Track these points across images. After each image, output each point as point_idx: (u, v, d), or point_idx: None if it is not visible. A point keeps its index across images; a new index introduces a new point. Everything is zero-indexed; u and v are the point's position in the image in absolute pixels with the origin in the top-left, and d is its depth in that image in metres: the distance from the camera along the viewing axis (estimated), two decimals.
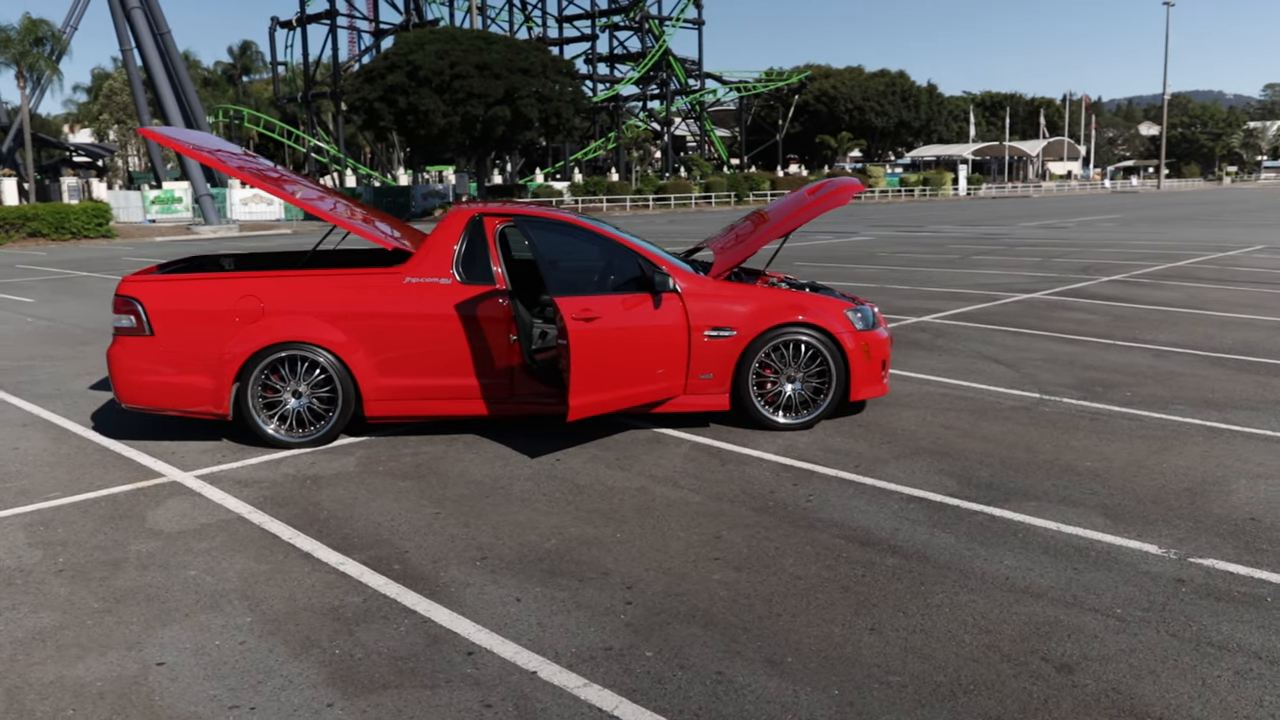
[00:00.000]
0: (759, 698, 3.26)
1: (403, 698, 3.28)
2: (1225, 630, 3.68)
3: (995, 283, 14.75)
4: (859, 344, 6.45)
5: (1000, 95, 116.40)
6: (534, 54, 55.22)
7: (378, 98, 52.04)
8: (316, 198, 6.43)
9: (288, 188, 6.33)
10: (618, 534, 4.72)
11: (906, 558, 4.41)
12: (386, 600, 4.02)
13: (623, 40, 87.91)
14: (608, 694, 3.29)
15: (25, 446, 6.31)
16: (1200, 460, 5.75)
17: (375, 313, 6.03)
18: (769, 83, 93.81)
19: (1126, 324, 10.58)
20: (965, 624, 3.76)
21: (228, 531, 4.77)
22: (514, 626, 3.78)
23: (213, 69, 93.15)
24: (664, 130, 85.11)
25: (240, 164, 6.24)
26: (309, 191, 6.49)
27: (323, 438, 6.10)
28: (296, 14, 71.48)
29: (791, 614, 3.87)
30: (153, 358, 5.94)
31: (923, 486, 5.34)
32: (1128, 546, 4.50)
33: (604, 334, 5.68)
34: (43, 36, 45.34)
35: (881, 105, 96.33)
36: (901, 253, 21.28)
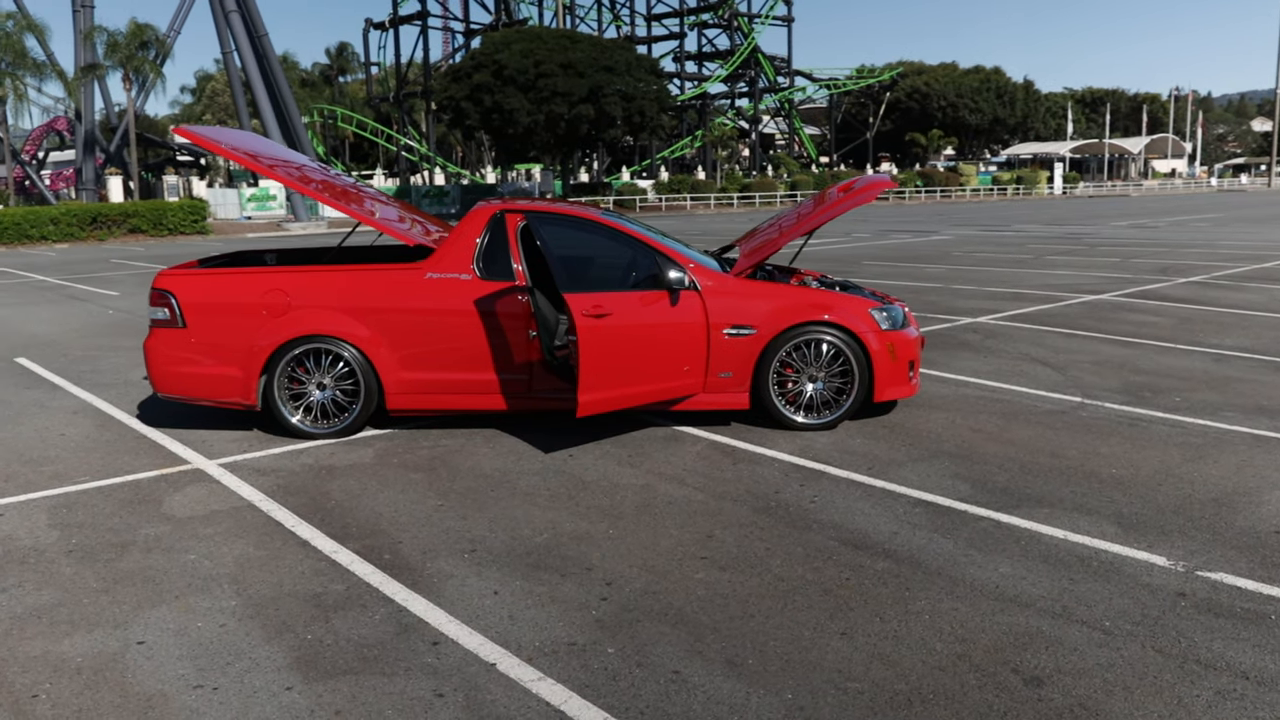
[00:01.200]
0: (709, 698, 3.23)
1: (359, 684, 3.35)
2: (1216, 648, 3.51)
3: (1064, 283, 14.28)
4: (884, 344, 6.32)
5: (1101, 91, 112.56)
6: (619, 52, 55.53)
7: (464, 96, 52.99)
8: (339, 194, 6.57)
9: (313, 185, 6.47)
10: (611, 530, 4.72)
11: (898, 562, 4.31)
12: (368, 589, 4.10)
13: (711, 38, 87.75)
14: (559, 689, 3.30)
15: (71, 432, 6.62)
16: (1236, 470, 5.49)
17: (397, 308, 6.15)
18: (860, 80, 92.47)
19: (1192, 327, 10.13)
20: (941, 632, 3.66)
21: (235, 518, 4.93)
22: (485, 619, 3.82)
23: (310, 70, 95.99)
24: (751, 128, 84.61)
25: (272, 163, 6.42)
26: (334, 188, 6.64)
27: (346, 429, 6.25)
28: (389, 15, 73.12)
29: (765, 615, 3.82)
30: (185, 349, 6.17)
31: (933, 490, 5.21)
32: (1134, 557, 4.32)
33: (615, 330, 5.68)
34: (147, 40, 47.26)
35: (975, 102, 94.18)
36: (976, 252, 20.76)
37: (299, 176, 6.41)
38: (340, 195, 6.49)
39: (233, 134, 7.18)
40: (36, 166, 62.34)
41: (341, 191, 6.67)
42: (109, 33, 46.13)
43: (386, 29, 75.45)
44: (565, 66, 52.00)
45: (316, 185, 6.55)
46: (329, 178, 7.05)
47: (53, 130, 65.74)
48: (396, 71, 73.64)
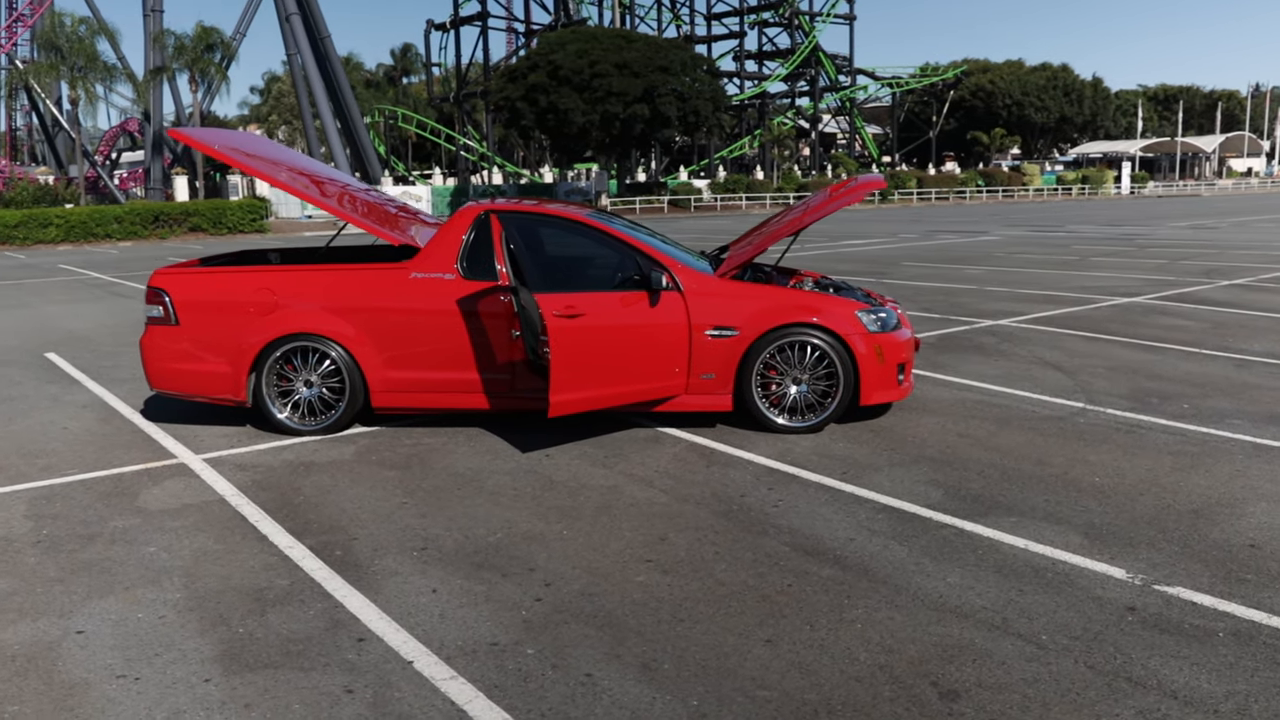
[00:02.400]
0: (614, 702, 3.21)
1: (275, 678, 3.39)
2: (1152, 665, 3.39)
3: (1102, 285, 13.90)
4: (871, 347, 6.22)
5: (1175, 88, 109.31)
6: (674, 52, 55.47)
7: (519, 97, 53.38)
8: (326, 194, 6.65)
9: (298, 183, 6.53)
10: (565, 531, 4.72)
11: (845, 569, 4.24)
12: (311, 585, 4.16)
13: (772, 37, 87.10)
14: (468, 688, 3.31)
15: (73, 426, 6.82)
16: (1227, 480, 5.29)
17: (381, 307, 6.22)
18: (923, 78, 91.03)
19: (1223, 331, 9.79)
20: (869, 642, 3.59)
21: (203, 512, 5.04)
22: (416, 616, 3.84)
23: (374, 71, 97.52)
24: (812, 128, 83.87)
25: (258, 164, 6.50)
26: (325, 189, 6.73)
27: (331, 426, 6.34)
28: (450, 16, 73.94)
29: (694, 620, 3.79)
30: (178, 345, 6.32)
31: (903, 496, 5.12)
32: (1092, 569, 4.19)
33: (588, 331, 5.68)
34: (213, 43, 48.54)
35: (1041, 100, 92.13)
36: (1020, 253, 20.32)
37: (286, 176, 6.50)
38: (328, 195, 6.58)
39: (227, 135, 7.33)
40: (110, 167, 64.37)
41: (331, 193, 6.76)
42: (176, 36, 47.48)
43: (447, 30, 76.30)
44: (620, 66, 52.08)
45: (305, 184, 6.64)
46: (321, 179, 7.14)
47: (125, 131, 67.90)
48: (457, 72, 74.44)
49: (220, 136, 6.99)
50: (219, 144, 6.57)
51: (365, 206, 6.90)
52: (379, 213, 6.95)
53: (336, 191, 6.85)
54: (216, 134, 7.21)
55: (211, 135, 6.94)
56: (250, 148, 6.94)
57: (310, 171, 7.16)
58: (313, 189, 6.58)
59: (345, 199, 6.75)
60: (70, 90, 44.37)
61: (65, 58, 43.64)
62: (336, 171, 8.06)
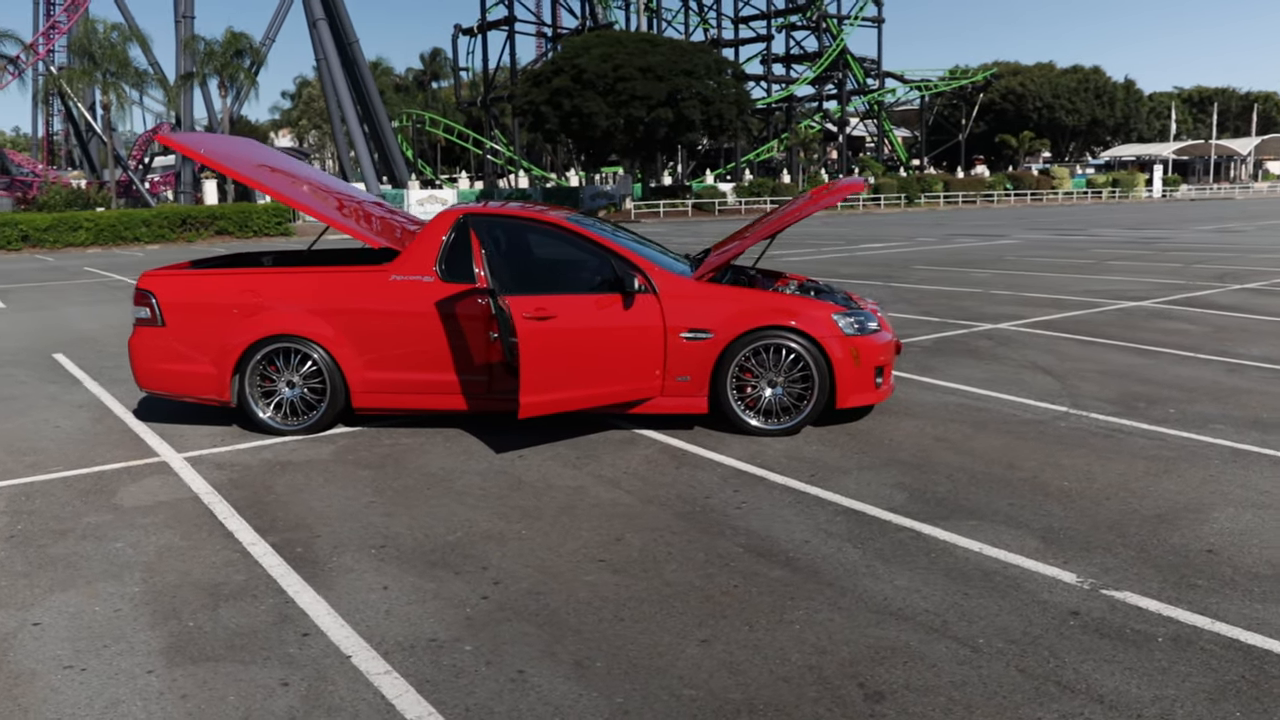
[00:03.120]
0: (540, 698, 3.26)
1: (215, 670, 3.47)
2: (1084, 669, 3.38)
3: (1110, 290, 13.77)
4: (847, 350, 6.23)
5: (1210, 90, 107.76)
6: (698, 56, 55.49)
7: (544, 100, 53.62)
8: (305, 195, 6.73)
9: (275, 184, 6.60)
10: (524, 531, 4.77)
11: (795, 571, 4.25)
12: (267, 580, 4.24)
13: (799, 40, 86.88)
14: (400, 683, 3.37)
15: (66, 425, 6.97)
16: (1198, 485, 5.25)
17: (362, 309, 6.31)
18: (952, 81, 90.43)
19: (1223, 336, 9.68)
20: (804, 643, 3.61)
21: (175, 509, 5.14)
22: (362, 612, 3.91)
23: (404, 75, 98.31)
24: (839, 131, 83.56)
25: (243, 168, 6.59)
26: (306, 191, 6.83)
27: (313, 426, 6.44)
28: (478, 21, 74.37)
29: (635, 620, 3.82)
30: (165, 347, 6.44)
31: (866, 499, 5.12)
32: (1042, 573, 4.18)
33: (558, 333, 5.73)
34: (242, 49, 49.12)
35: (1072, 103, 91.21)
36: (1033, 257, 20.15)
37: (265, 178, 6.59)
38: (307, 197, 6.66)
39: (215, 139, 7.46)
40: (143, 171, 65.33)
41: (312, 195, 6.85)
42: (205, 42, 48.12)
43: (475, 35, 76.76)
44: (644, 70, 52.16)
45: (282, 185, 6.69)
46: (305, 181, 7.23)
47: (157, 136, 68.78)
48: (485, 76, 74.86)
49: (207, 141, 7.11)
50: (204, 148, 6.69)
51: (349, 209, 7.00)
52: (361, 215, 7.05)
53: (319, 194, 6.95)
54: (203, 138, 7.34)
55: (196, 139, 7.08)
56: (237, 152, 7.05)
57: (295, 174, 7.26)
58: (291, 189, 6.67)
59: (329, 202, 6.85)
60: (102, 96, 45.10)
61: (98, 64, 44.35)
62: (329, 178, 8.17)
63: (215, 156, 6.55)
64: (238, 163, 6.65)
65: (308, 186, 7.03)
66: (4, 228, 31.22)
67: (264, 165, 6.90)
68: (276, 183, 6.60)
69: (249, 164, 6.75)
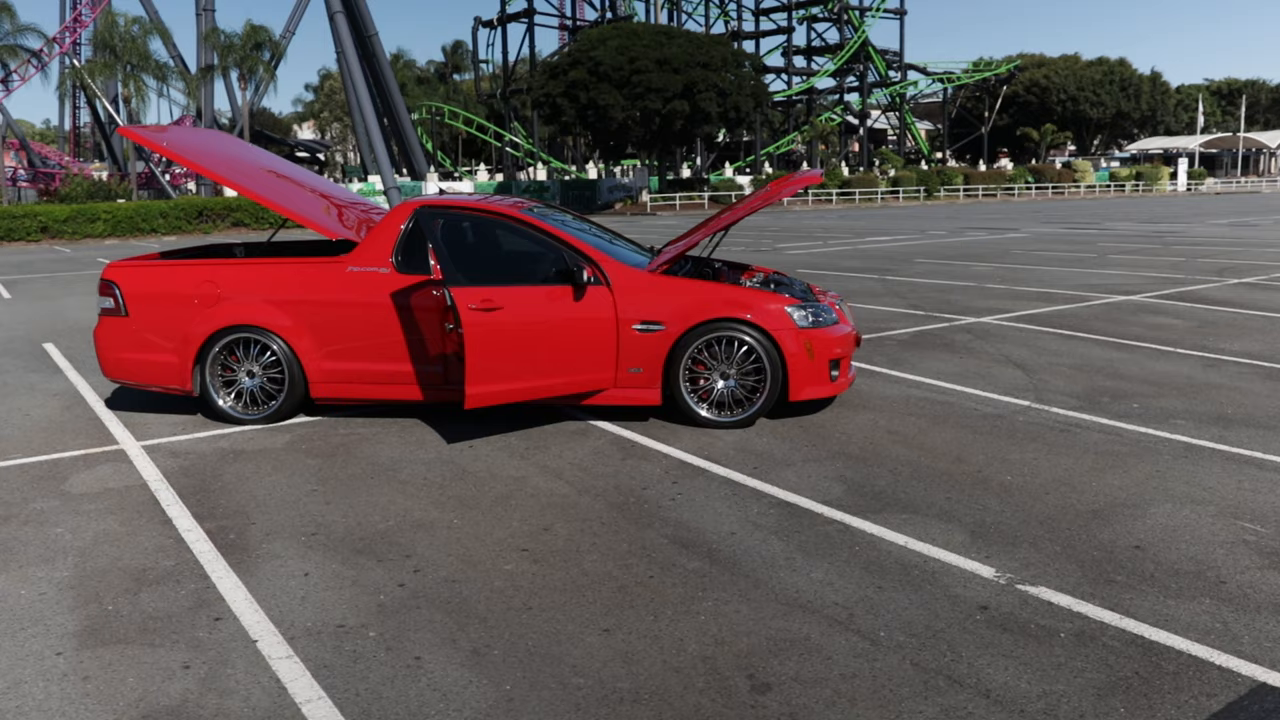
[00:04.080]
0: (431, 684, 3.29)
1: (121, 653, 3.53)
2: (979, 664, 3.38)
3: (1105, 283, 13.64)
4: (799, 342, 6.22)
5: (1240, 82, 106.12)
6: (715, 48, 55.30)
7: (560, 93, 53.64)
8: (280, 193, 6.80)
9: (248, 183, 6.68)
10: (456, 520, 4.81)
11: (715, 563, 4.27)
12: (194, 566, 4.30)
13: (821, 32, 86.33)
14: (298, 667, 3.42)
15: (36, 413, 7.09)
16: (1142, 480, 5.21)
17: (319, 300, 6.37)
18: (975, 73, 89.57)
19: (1207, 330, 9.57)
20: (705, 634, 3.63)
21: (121, 496, 5.22)
22: (278, 598, 3.96)
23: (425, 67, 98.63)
24: (860, 123, 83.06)
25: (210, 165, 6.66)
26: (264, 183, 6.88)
27: (272, 416, 6.51)
28: (497, 14, 74.43)
29: (543, 609, 3.85)
30: (128, 337, 6.53)
31: (803, 492, 5.12)
32: (961, 567, 4.17)
33: (504, 324, 5.76)
34: (261, 42, 49.49)
35: (1097, 95, 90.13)
36: (1038, 250, 19.98)
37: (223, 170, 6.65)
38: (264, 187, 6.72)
39: (179, 132, 7.53)
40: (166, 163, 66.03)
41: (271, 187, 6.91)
42: (225, 35, 48.50)
43: (494, 27, 76.84)
44: (660, 63, 52.08)
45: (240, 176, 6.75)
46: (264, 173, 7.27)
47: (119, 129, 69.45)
48: (505, 69, 74.95)
49: (172, 135, 7.19)
50: (166, 141, 6.77)
51: (313, 203, 7.05)
52: (326, 208, 7.10)
53: (284, 188, 7.01)
54: (168, 132, 7.41)
55: (159, 133, 7.14)
56: (205, 146, 7.13)
57: (262, 169, 7.32)
58: (251, 183, 6.73)
59: (292, 195, 6.90)
60: (123, 88, 45.57)
61: (119, 57, 44.82)
62: (305, 173, 8.23)
63: (176, 149, 6.63)
64: (200, 156, 6.72)
65: (272, 180, 7.09)
66: (23, 219, 31.65)
67: (229, 159, 6.97)
68: (237, 176, 6.67)
69: (213, 158, 6.82)
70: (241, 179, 6.67)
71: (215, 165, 6.65)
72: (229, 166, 6.79)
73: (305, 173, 8.13)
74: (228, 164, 6.83)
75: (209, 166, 6.56)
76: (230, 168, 6.79)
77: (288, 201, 6.66)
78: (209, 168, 6.55)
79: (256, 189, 6.61)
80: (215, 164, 6.69)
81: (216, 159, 6.81)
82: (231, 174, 6.65)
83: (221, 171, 6.61)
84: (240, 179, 6.65)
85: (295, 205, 6.67)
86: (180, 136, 7.30)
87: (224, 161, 6.85)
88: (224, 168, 6.71)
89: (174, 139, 7.00)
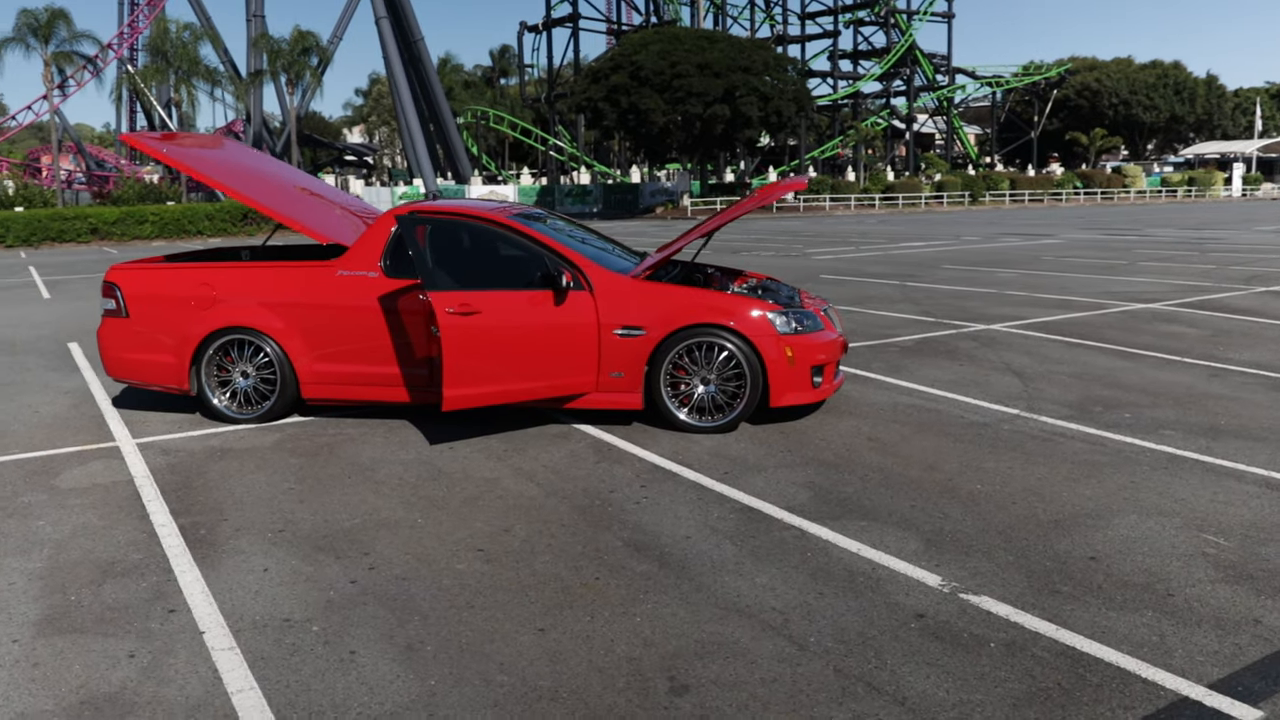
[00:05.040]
0: (359, 678, 3.39)
1: (75, 641, 3.67)
2: (902, 672, 3.39)
3: (1128, 291, 13.42)
4: (780, 348, 6.24)
5: None
6: (757, 52, 55.22)
7: (601, 97, 53.92)
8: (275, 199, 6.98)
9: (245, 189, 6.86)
10: (420, 519, 4.91)
11: (663, 566, 4.32)
12: (160, 560, 4.44)
13: (867, 36, 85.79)
14: (237, 658, 3.53)
15: (45, 410, 7.33)
16: (1114, 491, 5.16)
17: (310, 303, 6.52)
18: (1024, 77, 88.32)
19: (1220, 339, 9.39)
20: (637, 635, 3.68)
21: (106, 492, 5.40)
22: (233, 592, 4.09)
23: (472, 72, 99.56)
24: (906, 128, 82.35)
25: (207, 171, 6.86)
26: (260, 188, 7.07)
27: (265, 415, 6.67)
28: (542, 18, 74.97)
29: (484, 607, 3.93)
30: (129, 337, 6.74)
31: (767, 498, 5.15)
32: (908, 575, 4.18)
33: (482, 328, 5.86)
34: (308, 47, 50.39)
35: (1151, 99, 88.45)
36: (1069, 257, 19.68)
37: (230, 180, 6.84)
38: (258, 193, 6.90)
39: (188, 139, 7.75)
40: None
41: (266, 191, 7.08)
42: (273, 40, 49.45)
43: (539, 32, 77.38)
44: (701, 67, 52.10)
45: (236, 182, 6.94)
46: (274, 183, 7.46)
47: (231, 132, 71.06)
48: (550, 73, 75.43)
49: (175, 143, 7.40)
50: (165, 148, 6.99)
51: (309, 208, 7.22)
52: (324, 214, 7.26)
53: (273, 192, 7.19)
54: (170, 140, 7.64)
55: (160, 141, 7.37)
56: (207, 153, 7.33)
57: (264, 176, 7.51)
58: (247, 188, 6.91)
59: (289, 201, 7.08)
60: (174, 93, 46.67)
61: (170, 63, 45.91)
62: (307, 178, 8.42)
63: (174, 156, 6.84)
64: (197, 163, 6.92)
65: (267, 186, 7.28)
66: (74, 221, 32.57)
67: (227, 166, 7.17)
68: (232, 181, 6.86)
69: (209, 164, 7.03)
70: (237, 185, 6.85)
71: (211, 171, 6.85)
72: (225, 172, 6.99)
73: (312, 179, 8.33)
74: (224, 170, 7.02)
75: (205, 172, 6.76)
76: (227, 174, 6.98)
77: (280, 206, 6.83)
78: (205, 173, 6.74)
79: (250, 194, 6.79)
80: (211, 170, 6.88)
81: (213, 165, 7.01)
82: (228, 180, 6.84)
83: (217, 177, 6.81)
84: (236, 185, 6.84)
85: (287, 210, 6.84)
86: (184, 144, 7.52)
87: (220, 168, 7.05)
88: (220, 173, 6.90)
89: (175, 147, 7.21)
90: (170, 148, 7.04)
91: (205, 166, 6.88)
